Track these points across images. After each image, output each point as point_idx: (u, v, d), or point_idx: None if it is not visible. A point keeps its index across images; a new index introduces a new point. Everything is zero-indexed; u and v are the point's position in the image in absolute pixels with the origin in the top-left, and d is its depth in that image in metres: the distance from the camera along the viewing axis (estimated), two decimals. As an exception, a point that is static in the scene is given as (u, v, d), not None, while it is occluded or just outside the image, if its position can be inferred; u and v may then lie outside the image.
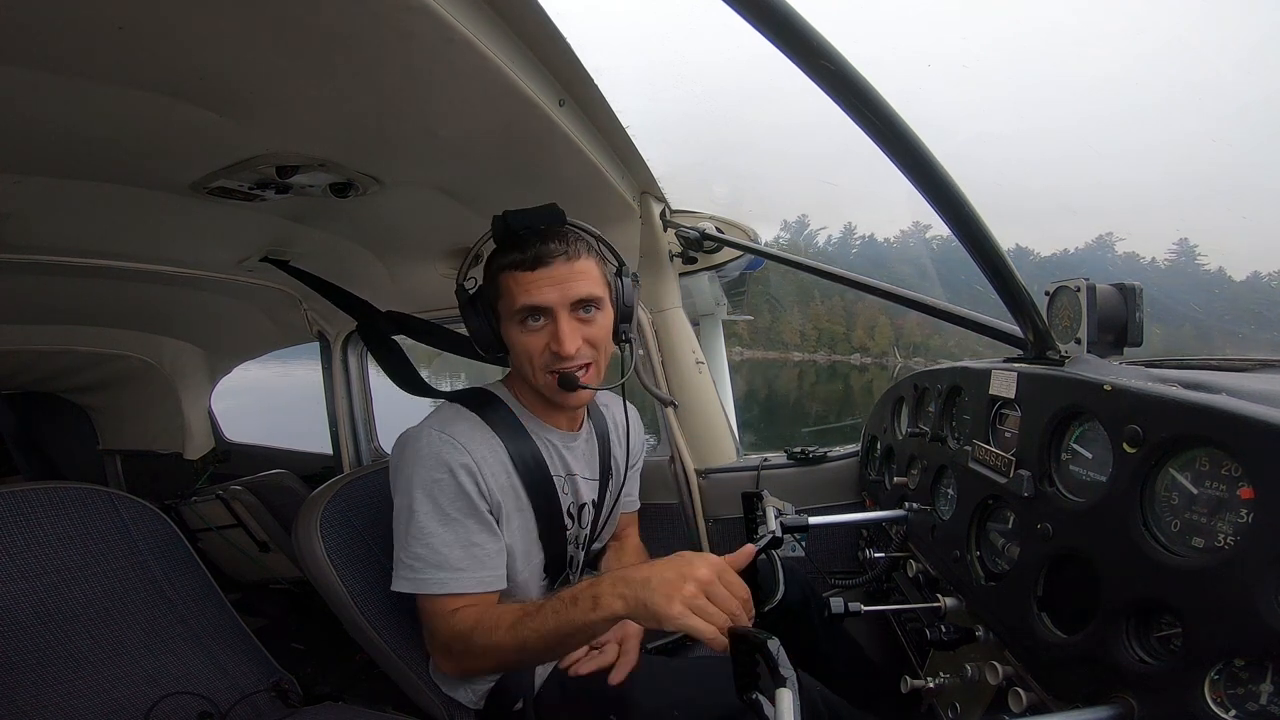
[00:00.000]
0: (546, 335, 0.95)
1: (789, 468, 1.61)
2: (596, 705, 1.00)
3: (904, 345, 16.83)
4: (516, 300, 0.94)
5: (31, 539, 1.25)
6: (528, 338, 0.96)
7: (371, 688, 1.68)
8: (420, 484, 0.94)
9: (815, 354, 15.98)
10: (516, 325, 0.97)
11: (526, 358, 0.98)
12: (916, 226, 15.49)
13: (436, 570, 0.93)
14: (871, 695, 1.16)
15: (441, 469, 0.94)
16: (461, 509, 0.95)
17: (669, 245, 1.57)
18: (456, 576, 0.93)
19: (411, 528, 0.94)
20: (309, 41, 0.68)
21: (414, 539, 0.94)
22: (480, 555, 0.95)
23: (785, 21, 0.55)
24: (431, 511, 0.94)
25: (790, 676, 0.60)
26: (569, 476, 1.09)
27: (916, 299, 1.11)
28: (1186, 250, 10.97)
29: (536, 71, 0.86)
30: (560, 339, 0.93)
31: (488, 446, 0.99)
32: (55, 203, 1.11)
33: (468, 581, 0.94)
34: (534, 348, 0.96)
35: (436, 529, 0.94)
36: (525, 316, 0.95)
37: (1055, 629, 0.73)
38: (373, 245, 1.62)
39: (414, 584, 0.94)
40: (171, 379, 2.42)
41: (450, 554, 0.93)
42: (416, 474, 0.95)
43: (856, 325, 18.67)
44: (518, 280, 0.94)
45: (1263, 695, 0.51)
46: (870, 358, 17.72)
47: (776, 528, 0.87)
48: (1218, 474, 0.58)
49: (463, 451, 0.95)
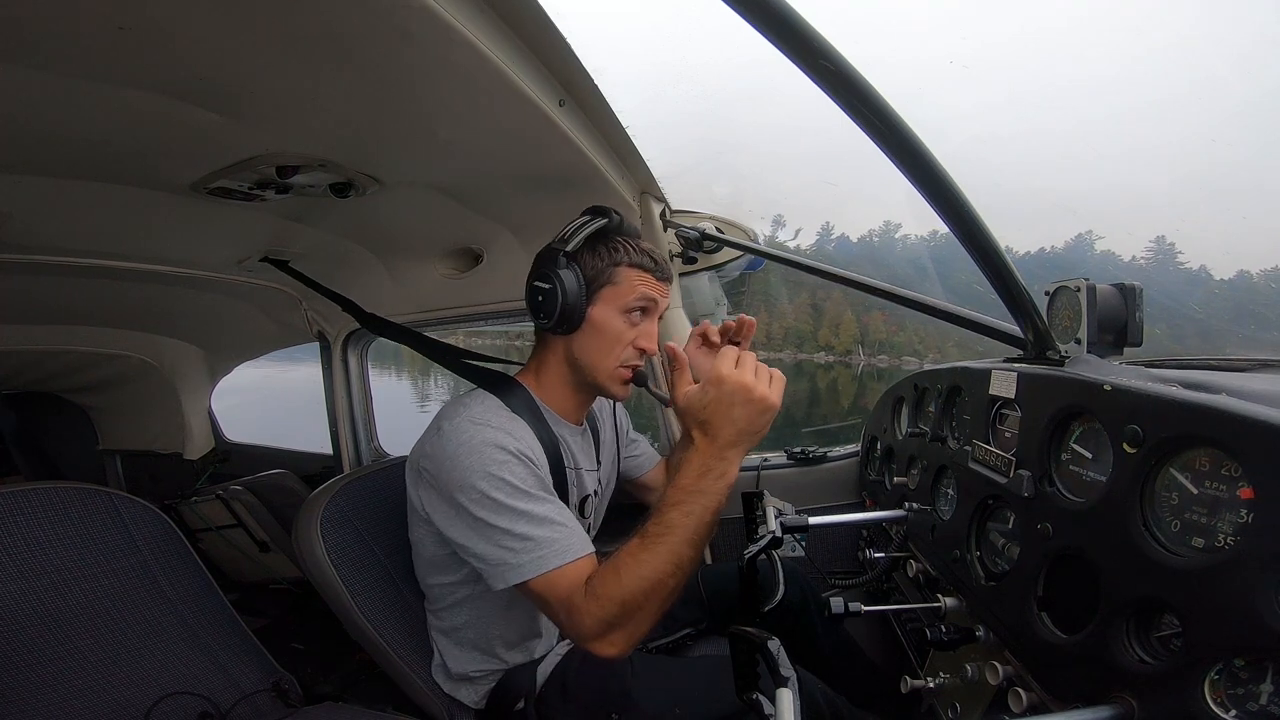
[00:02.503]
0: (637, 332, 1.02)
1: (789, 468, 1.61)
2: (597, 704, 1.00)
3: (870, 343, 16.77)
4: (637, 290, 1.00)
5: (31, 539, 1.25)
6: (625, 328, 1.01)
7: (371, 688, 1.68)
8: (484, 475, 0.89)
9: (781, 353, 15.94)
10: (620, 314, 1.00)
11: (612, 344, 1.01)
12: (887, 226, 15.51)
13: (553, 544, 0.87)
14: (871, 695, 1.17)
15: (502, 453, 0.90)
16: (537, 486, 0.92)
17: (669, 245, 1.57)
18: (575, 540, 0.89)
19: (500, 516, 0.88)
20: (309, 42, 0.68)
21: (511, 522, 0.88)
22: (572, 521, 0.93)
23: (785, 22, 0.55)
24: (516, 494, 0.89)
25: (790, 676, 0.60)
26: (576, 470, 1.10)
27: (916, 299, 1.11)
28: (1164, 249, 10.96)
29: (536, 71, 0.86)
30: (652, 337, 1.03)
31: (526, 434, 0.97)
32: (55, 203, 1.11)
33: (583, 543, 0.90)
34: (625, 338, 1.01)
35: (531, 506, 0.89)
36: (636, 309, 1.01)
37: (1055, 629, 0.73)
38: (373, 245, 1.62)
39: (536, 564, 0.86)
40: (171, 379, 2.42)
41: (558, 520, 0.90)
42: (475, 464, 0.90)
43: (823, 323, 18.59)
44: (645, 280, 1.01)
45: (1263, 695, 0.51)
46: (835, 356, 17.72)
47: (776, 528, 0.87)
48: (1218, 474, 0.58)
49: (512, 438, 0.93)
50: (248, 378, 2.79)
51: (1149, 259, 9.18)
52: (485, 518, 0.88)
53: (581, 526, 0.95)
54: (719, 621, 1.27)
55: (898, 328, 14.36)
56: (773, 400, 0.85)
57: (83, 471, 2.54)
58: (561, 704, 1.02)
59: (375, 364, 2.21)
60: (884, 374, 13.29)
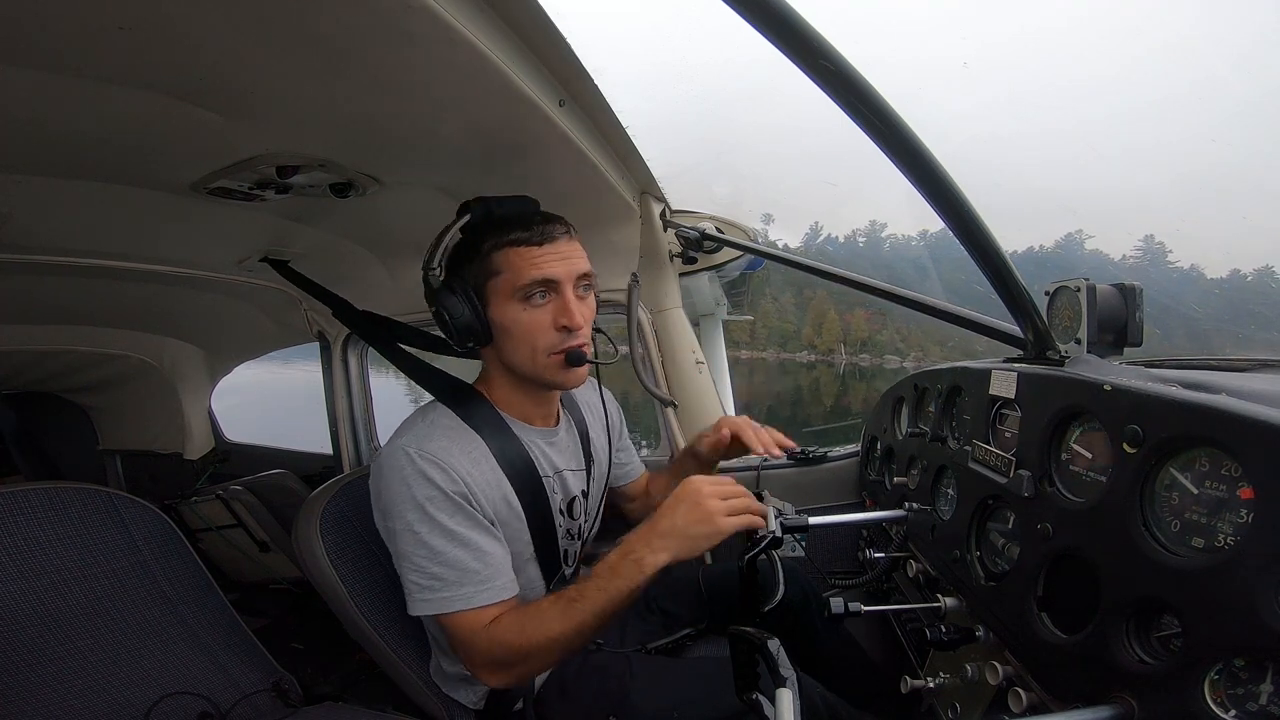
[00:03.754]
0: (551, 311, 0.93)
1: (789, 468, 1.61)
2: (596, 705, 1.00)
3: (851, 341, 16.78)
4: (523, 275, 0.91)
5: (31, 539, 1.25)
6: (531, 315, 0.93)
7: (371, 688, 1.69)
8: (412, 505, 0.89)
9: (765, 352, 15.99)
10: (518, 304, 0.93)
11: (528, 338, 0.94)
12: (873, 225, 15.62)
13: (460, 586, 0.89)
14: (871, 695, 1.16)
15: (429, 486, 0.89)
16: (462, 522, 0.91)
17: (669, 245, 1.57)
18: (485, 588, 0.90)
19: (419, 549, 0.89)
20: (309, 42, 0.68)
21: (426, 559, 0.89)
22: (495, 563, 0.92)
23: (785, 22, 0.55)
24: (435, 530, 0.89)
25: (790, 676, 0.60)
26: (557, 474, 1.07)
27: (917, 299, 1.11)
28: (1153, 248, 11.04)
29: (536, 71, 0.86)
30: (569, 311, 0.93)
31: (470, 458, 0.94)
32: (55, 203, 1.11)
33: (495, 590, 0.91)
34: (539, 325, 0.93)
35: (446, 546, 0.89)
36: (532, 293, 0.92)
37: (1055, 629, 0.73)
38: (373, 245, 1.62)
39: (440, 604, 0.89)
40: (171, 379, 2.43)
41: (470, 566, 0.90)
42: (404, 494, 0.90)
43: (806, 322, 18.67)
44: (523, 255, 0.91)
45: (1263, 695, 0.51)
46: (818, 355, 17.82)
47: (776, 528, 0.87)
48: (1218, 474, 0.58)
49: (444, 472, 0.90)
50: (247, 378, 2.79)
51: (1138, 258, 9.24)
52: (410, 546, 0.90)
53: (507, 556, 0.95)
54: (719, 621, 1.27)
55: (880, 326, 14.46)
56: (719, 524, 0.85)
57: (83, 471, 2.54)
58: (560, 704, 1.02)
59: (375, 364, 2.21)
60: (866, 373, 13.30)
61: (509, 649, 0.88)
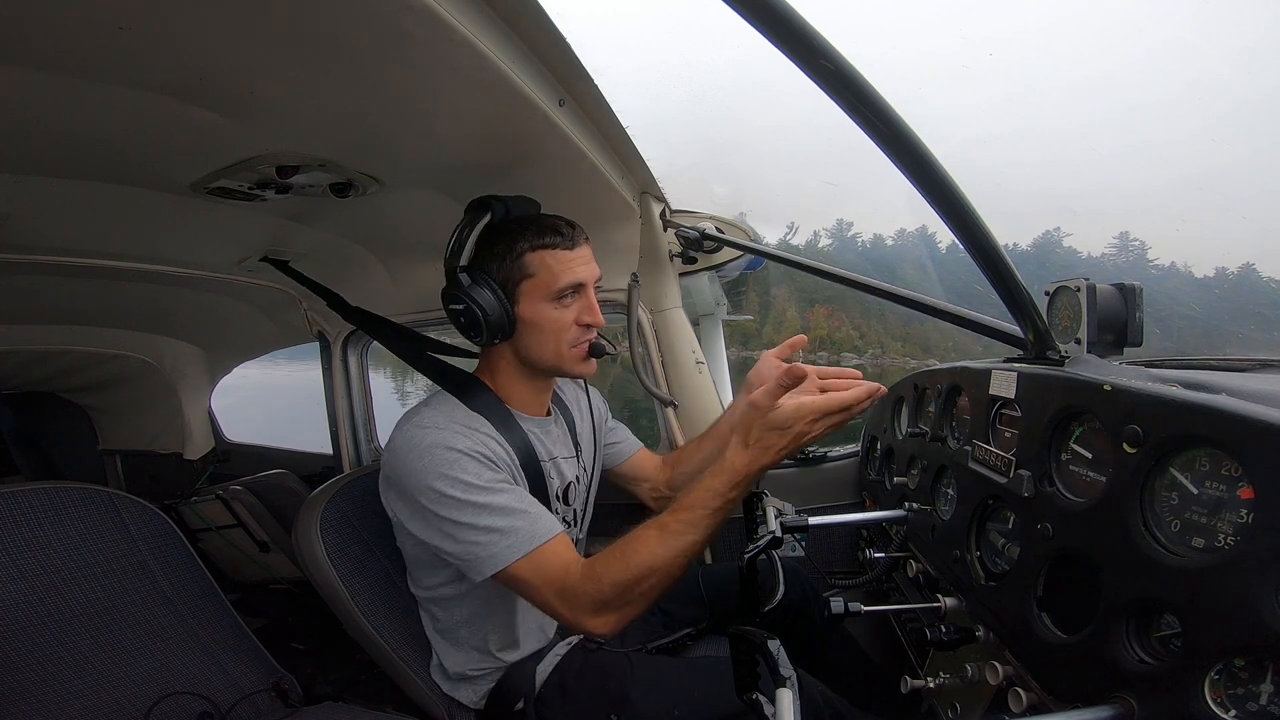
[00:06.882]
0: (575, 310, 1.01)
1: (789, 468, 1.61)
2: (597, 705, 1.00)
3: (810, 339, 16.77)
4: (560, 279, 0.98)
5: (31, 539, 1.25)
6: (560, 313, 1.00)
7: (371, 688, 1.68)
8: (437, 474, 0.90)
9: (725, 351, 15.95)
10: (550, 303, 0.99)
11: (556, 333, 1.00)
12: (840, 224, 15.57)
13: (517, 532, 0.88)
14: (871, 695, 1.16)
15: (451, 453, 0.91)
16: (493, 478, 0.92)
17: (669, 245, 1.57)
18: (543, 520, 0.90)
19: (462, 512, 0.88)
20: (309, 42, 0.68)
21: (473, 515, 0.88)
22: (538, 504, 0.94)
23: (785, 22, 0.55)
24: (470, 488, 0.89)
25: (790, 676, 0.60)
26: (552, 460, 1.10)
27: (917, 299, 1.11)
28: (1126, 244, 11.03)
29: (536, 71, 0.86)
30: (594, 310, 1.02)
31: (485, 433, 0.98)
32: (55, 203, 1.11)
33: (551, 521, 0.91)
34: (565, 322, 1.00)
35: (488, 498, 0.89)
36: (565, 294, 0.99)
37: (1055, 629, 0.73)
38: (373, 245, 1.62)
39: (509, 551, 0.87)
40: (171, 379, 2.43)
41: (519, 507, 0.90)
42: (428, 466, 0.90)
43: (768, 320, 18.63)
44: (559, 259, 0.98)
45: (1263, 695, 0.51)
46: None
47: (776, 528, 0.87)
48: (1218, 474, 0.58)
49: (462, 438, 0.93)
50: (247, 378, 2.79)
51: (1113, 255, 9.25)
52: (448, 515, 0.89)
53: (547, 510, 0.95)
54: (719, 621, 1.27)
55: (839, 323, 14.41)
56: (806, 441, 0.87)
57: (83, 471, 2.54)
58: (561, 704, 1.02)
59: (375, 364, 2.21)
60: (826, 372, 13.13)
61: (619, 586, 0.84)
